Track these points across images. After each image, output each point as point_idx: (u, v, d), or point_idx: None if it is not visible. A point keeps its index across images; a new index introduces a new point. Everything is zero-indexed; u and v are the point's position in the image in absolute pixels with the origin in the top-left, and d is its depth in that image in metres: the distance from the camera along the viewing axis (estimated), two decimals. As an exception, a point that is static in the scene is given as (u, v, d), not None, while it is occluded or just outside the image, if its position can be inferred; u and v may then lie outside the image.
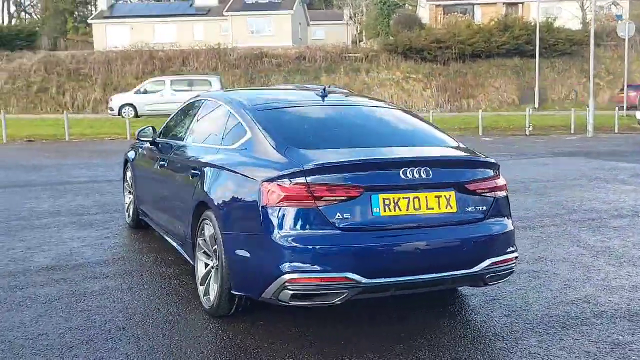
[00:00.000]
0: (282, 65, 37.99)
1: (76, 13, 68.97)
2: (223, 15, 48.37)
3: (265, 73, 37.15)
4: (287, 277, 3.57)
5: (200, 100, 5.46)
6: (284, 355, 3.65)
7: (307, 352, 3.71)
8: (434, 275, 3.83)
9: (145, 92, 29.21)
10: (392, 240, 3.72)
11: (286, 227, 3.61)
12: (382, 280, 3.69)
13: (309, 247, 3.59)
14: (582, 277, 5.30)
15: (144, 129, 5.81)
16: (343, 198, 3.65)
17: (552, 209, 8.25)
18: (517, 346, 3.86)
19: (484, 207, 4.05)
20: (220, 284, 4.05)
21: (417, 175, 3.79)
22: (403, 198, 3.79)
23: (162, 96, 28.58)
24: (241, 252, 3.89)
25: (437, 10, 48.02)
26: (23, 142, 18.80)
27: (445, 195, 3.91)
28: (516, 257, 4.23)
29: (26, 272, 5.18)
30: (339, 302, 3.69)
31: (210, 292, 4.23)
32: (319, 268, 3.58)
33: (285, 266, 3.58)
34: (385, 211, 3.73)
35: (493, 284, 4.31)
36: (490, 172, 4.15)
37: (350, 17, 59.01)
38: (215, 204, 4.15)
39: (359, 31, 58.69)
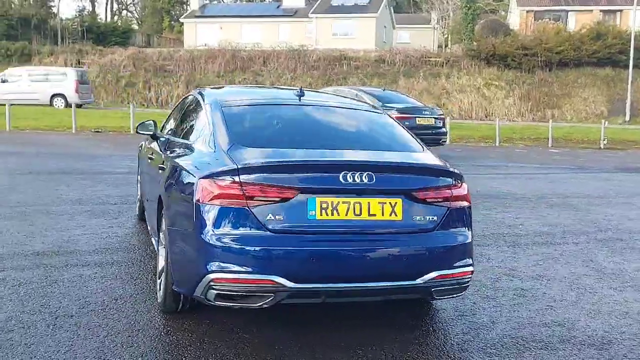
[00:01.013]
0: (360, 68, 37.89)
1: (172, 12, 71.51)
2: (308, 17, 48.76)
3: (343, 75, 37.16)
4: (212, 276, 3.54)
5: (190, 95, 5.51)
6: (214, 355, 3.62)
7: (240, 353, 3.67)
8: (370, 284, 3.70)
9: (4, 81, 29.30)
10: (325, 245, 3.61)
11: (216, 225, 3.58)
12: (311, 285, 3.59)
13: (236, 247, 3.54)
14: (572, 299, 4.98)
15: (144, 122, 5.91)
16: (276, 199, 3.57)
17: (581, 227, 7.79)
18: (454, 366, 3.67)
19: (435, 218, 3.86)
20: (165, 281, 4.08)
21: (358, 180, 3.66)
22: (343, 203, 3.66)
23: (19, 86, 28.81)
24: (179, 249, 3.90)
25: (527, 17, 46.47)
26: (91, 133, 19.69)
27: (390, 203, 3.75)
28: (471, 272, 4.02)
29: (14, 256, 5.39)
30: (266, 306, 3.62)
31: (161, 288, 4.25)
32: (244, 269, 3.52)
33: (212, 265, 3.55)
34: (321, 215, 3.62)
35: (443, 299, 4.11)
36: (447, 181, 3.96)
37: (437, 21, 58.13)
38: (165, 199, 4.18)
39: (445, 36, 57.70)
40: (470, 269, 4.00)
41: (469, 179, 4.44)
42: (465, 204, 4.05)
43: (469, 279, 4.03)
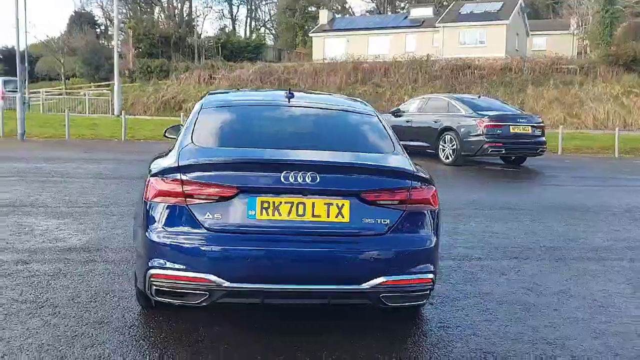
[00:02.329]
0: (485, 76, 36.74)
1: (306, 27, 73.51)
2: (435, 27, 48.14)
3: (467, 85, 36.20)
4: (151, 272, 3.63)
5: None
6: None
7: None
8: (311, 286, 3.61)
9: None
10: (263, 245, 3.58)
11: (157, 222, 3.66)
12: (248, 285, 3.57)
13: (173, 244, 3.59)
14: (583, 317, 4.56)
15: (174, 126, 6.08)
16: (214, 198, 3.60)
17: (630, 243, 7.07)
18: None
19: (387, 221, 3.70)
20: (135, 277, 4.22)
21: (300, 180, 3.59)
22: (285, 203, 3.62)
23: None
24: (135, 245, 4.03)
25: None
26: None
27: (337, 204, 3.65)
28: (431, 280, 3.78)
29: (46, 250, 5.82)
30: (204, 304, 3.64)
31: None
32: (180, 266, 3.57)
33: (152, 261, 3.64)
34: (262, 215, 3.60)
35: (398, 306, 3.88)
36: (404, 183, 3.77)
37: (576, 26, 55.09)
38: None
39: (585, 42, 54.48)
40: (429, 276, 3.78)
41: (555, 190, 4.22)
42: (428, 207, 3.84)
43: (429, 287, 3.81)
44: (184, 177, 3.63)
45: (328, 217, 3.65)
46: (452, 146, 14.15)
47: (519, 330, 4.26)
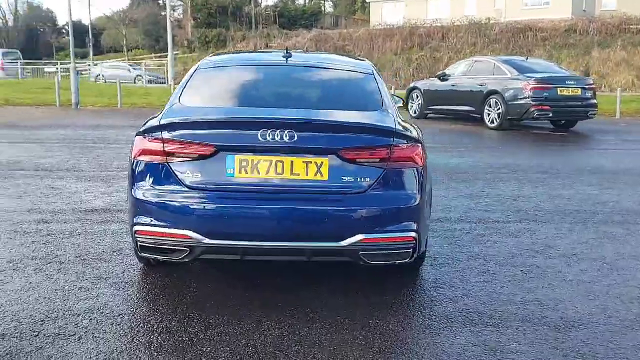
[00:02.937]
0: (547, 39, 35.46)
1: (365, -7, 72.38)
2: (497, -12, 46.54)
3: (528, 48, 35.00)
4: (135, 228, 3.73)
5: None
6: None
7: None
8: (289, 244, 3.63)
9: None
10: (241, 203, 3.62)
11: (140, 180, 3.75)
12: (227, 242, 3.62)
13: (155, 201, 3.68)
14: (585, 279, 4.44)
15: None
16: (194, 156, 3.65)
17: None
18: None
19: (367, 179, 3.67)
20: None
21: (278, 138, 3.60)
22: (264, 161, 3.64)
23: None
24: (126, 203, 4.14)
25: None
26: None
27: (316, 162, 3.64)
28: (413, 239, 3.74)
29: (68, 211, 6.06)
30: (186, 260, 3.73)
31: None
32: (161, 223, 3.65)
33: (136, 217, 3.74)
34: (240, 173, 3.63)
35: (381, 263, 3.86)
36: (385, 141, 3.72)
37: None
38: None
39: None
40: (411, 234, 3.73)
41: (600, 154, 4.15)
42: (411, 165, 3.78)
43: (412, 245, 3.76)
44: (165, 136, 3.70)
45: (307, 175, 3.65)
46: (497, 110, 13.79)
47: (513, 291, 4.18)
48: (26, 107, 19.68)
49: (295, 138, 3.61)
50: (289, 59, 4.67)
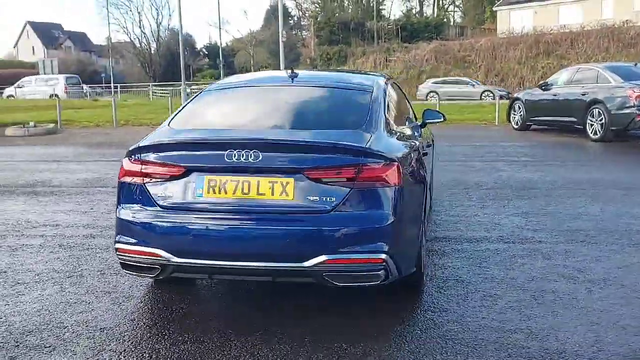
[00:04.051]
0: (690, 41, 32.64)
1: (495, 1, 70.46)
2: (637, -11, 43.47)
3: (668, 52, 32.44)
4: (116, 245, 3.92)
5: None
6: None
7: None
8: (255, 264, 3.64)
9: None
10: (208, 222, 3.68)
11: (123, 200, 3.93)
12: (194, 261, 3.70)
13: (132, 220, 3.84)
14: (548, 300, 4.03)
15: None
16: (166, 177, 3.77)
17: None
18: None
19: (334, 198, 3.60)
20: None
21: (243, 159, 3.64)
22: (231, 181, 3.69)
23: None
24: None
25: None
26: None
27: (282, 182, 3.64)
28: (382, 260, 3.61)
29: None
30: (160, 278, 3.86)
31: None
32: (134, 241, 3.81)
33: (118, 236, 3.92)
34: (209, 193, 3.71)
35: (348, 285, 3.74)
36: (353, 160, 3.63)
37: None
38: None
39: None
40: (380, 256, 3.60)
41: None
42: (383, 185, 3.66)
43: (381, 267, 3.63)
44: (142, 158, 3.86)
45: (273, 195, 3.65)
46: (600, 121, 12.87)
47: (509, 318, 3.90)
48: (144, 126, 21.07)
49: (261, 158, 3.63)
50: (294, 79, 4.71)
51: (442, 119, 6.28)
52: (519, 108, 15.95)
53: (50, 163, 11.73)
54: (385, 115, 4.31)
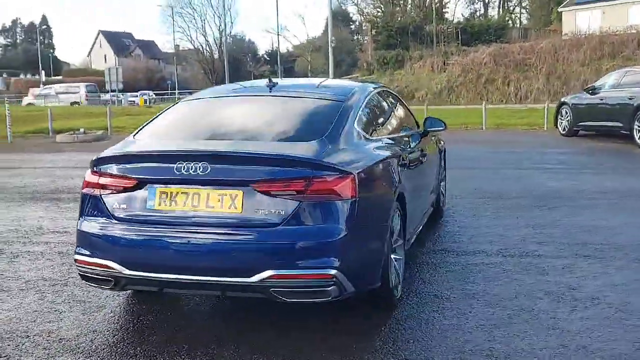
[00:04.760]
0: None
1: (562, 2, 68.32)
2: None
3: None
4: (75, 257, 3.94)
5: None
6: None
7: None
8: (201, 277, 3.58)
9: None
10: (158, 235, 3.64)
11: (82, 212, 3.95)
12: (145, 274, 3.67)
13: (88, 232, 3.85)
14: (525, 317, 3.78)
15: None
16: (119, 188, 3.77)
17: None
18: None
19: (282, 212, 3.51)
20: None
21: (192, 171, 3.59)
22: (182, 193, 3.65)
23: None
24: None
25: None
26: None
27: (230, 194, 3.58)
28: (331, 276, 3.48)
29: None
30: (117, 290, 3.85)
31: None
32: (89, 253, 3.81)
33: (77, 248, 3.94)
34: (160, 205, 3.68)
35: (297, 301, 3.62)
36: (302, 172, 3.53)
37: None
38: None
39: None
40: (329, 271, 3.48)
41: None
42: (335, 198, 3.54)
43: (331, 283, 3.50)
44: (99, 169, 3.87)
45: (222, 207, 3.58)
46: (648, 126, 12.23)
47: (473, 338, 3.70)
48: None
49: (209, 170, 3.58)
50: (271, 89, 4.65)
51: (443, 127, 6.09)
52: (566, 113, 15.34)
53: (84, 170, 12.04)
54: (354, 126, 4.18)
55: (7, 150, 16.48)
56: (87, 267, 3.85)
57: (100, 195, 3.84)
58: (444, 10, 61.65)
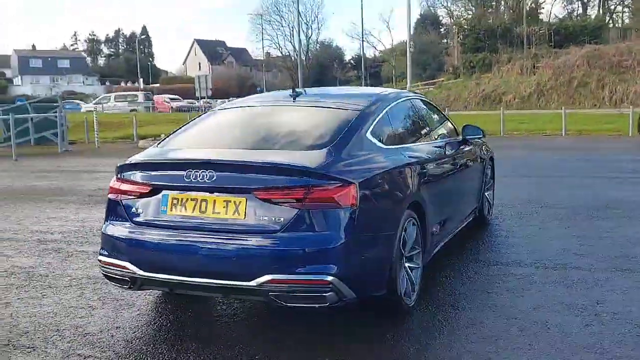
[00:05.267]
0: None
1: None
2: None
3: None
4: (99, 257, 4.21)
5: None
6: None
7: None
8: (209, 281, 3.75)
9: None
10: (169, 239, 3.84)
11: (107, 215, 4.23)
12: (158, 276, 3.88)
13: (109, 234, 4.11)
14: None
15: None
16: (137, 194, 4.01)
17: None
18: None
19: (282, 219, 3.63)
20: None
21: (199, 178, 3.78)
22: (191, 199, 3.85)
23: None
24: None
25: None
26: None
27: (235, 201, 3.74)
28: (328, 283, 3.56)
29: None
30: (135, 289, 4.09)
31: None
32: (108, 253, 4.08)
33: (101, 250, 4.20)
34: (172, 210, 3.89)
35: (295, 305, 3.71)
36: (301, 181, 3.63)
37: None
38: None
39: None
40: (326, 278, 3.56)
41: None
42: (334, 206, 3.62)
43: (328, 289, 3.57)
44: (122, 176, 4.13)
45: (227, 214, 3.75)
46: None
47: (473, 350, 3.67)
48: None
49: (215, 178, 3.75)
50: (295, 99, 4.79)
51: (481, 135, 6.03)
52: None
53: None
54: (366, 135, 4.25)
55: (92, 155, 17.50)
56: (108, 267, 4.10)
57: (121, 200, 4.09)
58: (538, 11, 59.79)
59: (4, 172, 14.46)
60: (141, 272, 3.90)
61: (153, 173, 4.01)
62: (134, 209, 4.02)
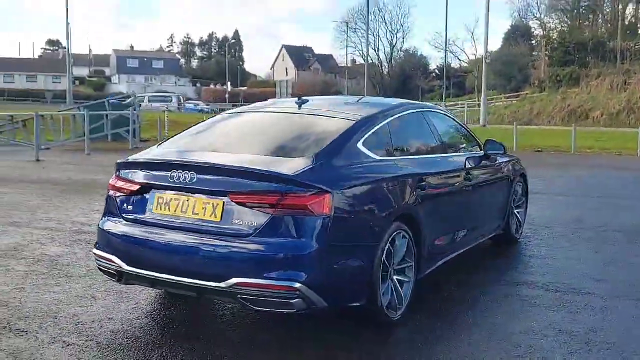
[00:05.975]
0: None
1: None
2: None
3: None
4: (93, 250, 4.39)
5: None
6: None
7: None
8: (184, 279, 3.84)
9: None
10: (152, 236, 3.97)
11: (104, 210, 4.41)
12: (140, 271, 4.01)
13: (103, 229, 4.29)
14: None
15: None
16: (127, 192, 4.17)
17: None
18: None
19: (255, 223, 3.68)
20: None
21: (182, 179, 3.89)
22: (175, 199, 3.96)
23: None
24: None
25: None
26: (532, 152, 19.54)
27: (213, 203, 3.82)
28: (295, 289, 3.57)
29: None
30: (123, 283, 4.23)
31: None
32: (101, 247, 4.26)
33: (97, 243, 4.39)
34: (157, 209, 4.02)
35: (263, 310, 3.73)
36: (275, 187, 3.67)
37: None
38: None
39: None
40: (293, 284, 3.56)
41: None
42: (307, 213, 3.64)
43: (295, 296, 3.59)
44: (119, 174, 4.30)
45: (204, 215, 3.84)
46: None
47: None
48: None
49: (195, 180, 3.85)
50: (300, 106, 4.83)
51: (502, 151, 5.90)
52: None
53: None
54: (357, 145, 4.24)
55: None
56: (99, 260, 4.28)
57: (116, 196, 4.26)
58: (639, 25, 57.01)
59: (73, 165, 15.24)
60: (126, 267, 4.04)
61: (144, 172, 4.15)
62: (125, 206, 4.17)
